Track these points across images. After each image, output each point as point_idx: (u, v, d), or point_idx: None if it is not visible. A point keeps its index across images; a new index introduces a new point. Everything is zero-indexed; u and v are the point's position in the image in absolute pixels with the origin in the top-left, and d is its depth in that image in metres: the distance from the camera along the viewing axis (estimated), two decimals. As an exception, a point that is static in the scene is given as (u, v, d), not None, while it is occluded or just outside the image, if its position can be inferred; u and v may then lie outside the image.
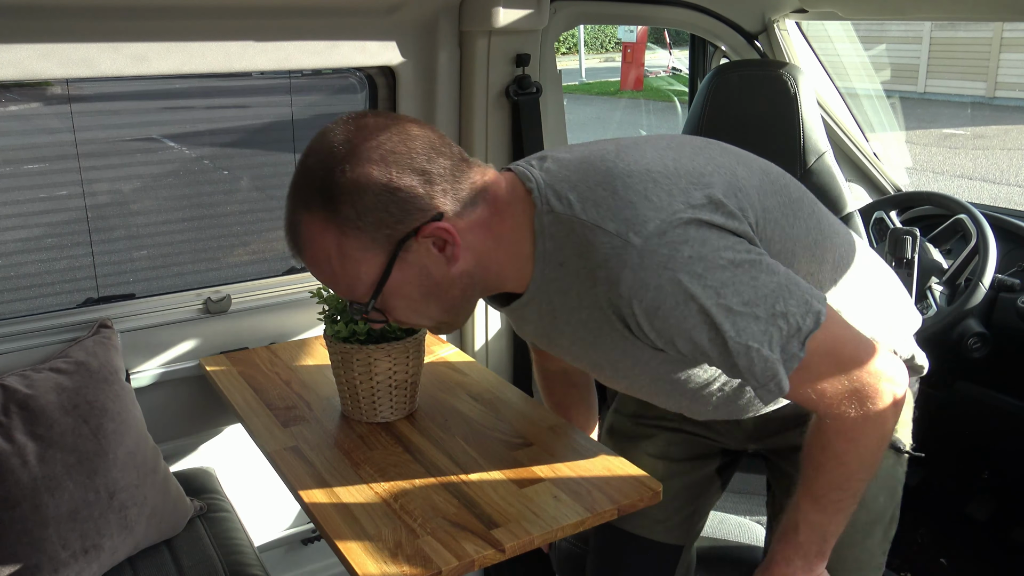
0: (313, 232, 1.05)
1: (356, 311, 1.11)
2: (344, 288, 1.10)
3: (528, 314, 1.17)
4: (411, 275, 1.08)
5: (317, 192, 1.03)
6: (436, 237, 1.06)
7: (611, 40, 21.81)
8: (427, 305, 1.12)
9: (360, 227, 1.03)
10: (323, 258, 1.07)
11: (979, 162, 8.72)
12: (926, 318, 2.09)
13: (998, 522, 2.36)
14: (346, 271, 1.07)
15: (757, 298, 1.00)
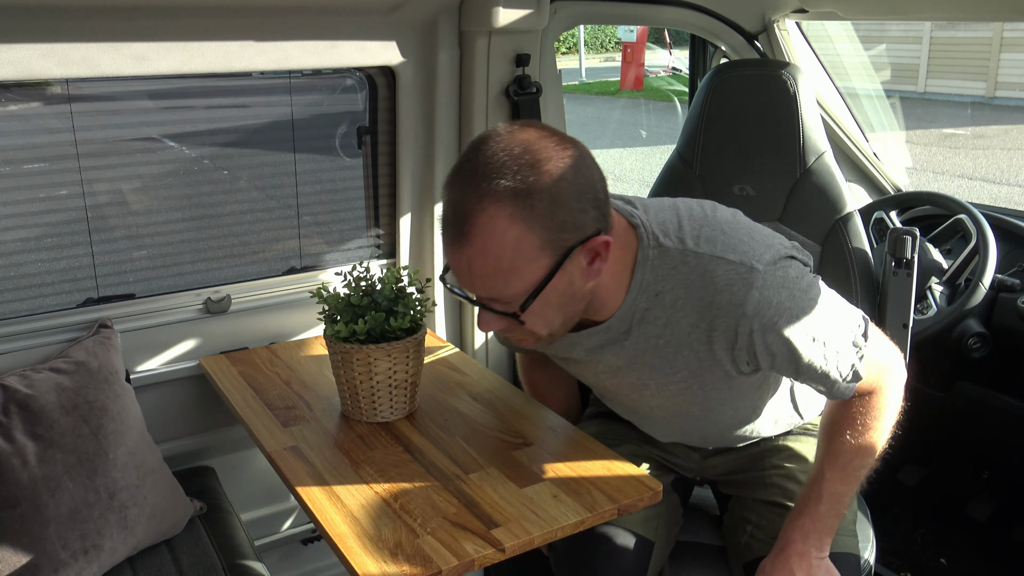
0: (496, 223, 1.08)
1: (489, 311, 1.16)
2: (499, 283, 1.13)
3: (598, 340, 1.29)
4: (562, 284, 1.15)
5: (512, 187, 1.07)
6: (594, 251, 1.15)
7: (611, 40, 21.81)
8: (557, 315, 1.19)
9: (547, 228, 1.09)
10: (496, 249, 1.09)
11: (979, 162, 8.72)
12: (926, 318, 2.09)
13: (998, 522, 2.36)
14: (514, 267, 1.11)
15: (839, 319, 1.25)
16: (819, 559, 1.34)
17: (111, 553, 1.48)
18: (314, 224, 2.09)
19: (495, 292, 1.15)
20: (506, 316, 1.17)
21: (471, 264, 1.12)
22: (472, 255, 1.11)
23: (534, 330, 1.20)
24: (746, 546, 1.49)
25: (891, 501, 2.53)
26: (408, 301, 1.54)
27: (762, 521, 1.49)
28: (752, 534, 1.49)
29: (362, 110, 2.01)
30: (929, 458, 2.55)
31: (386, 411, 1.57)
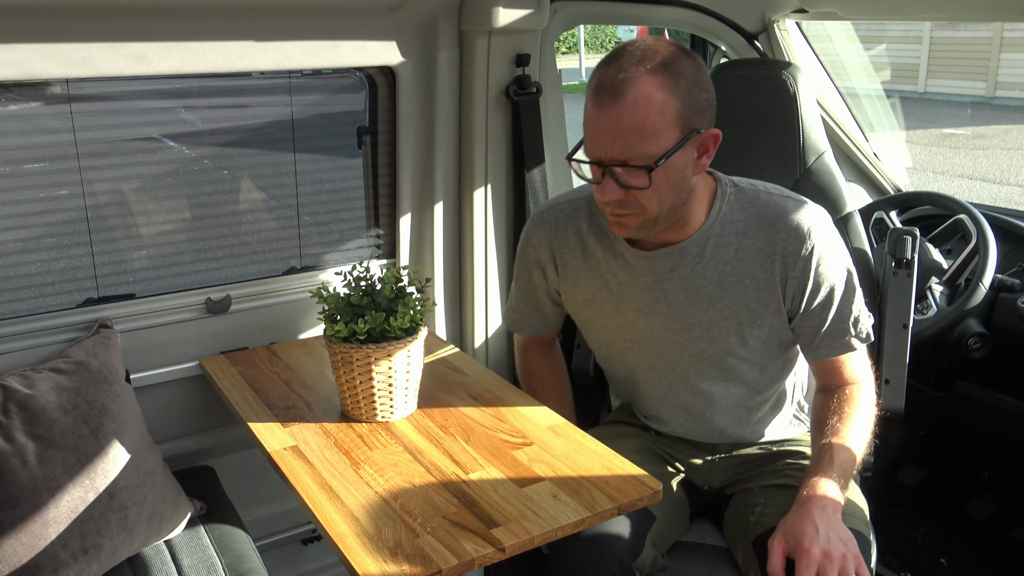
0: (647, 86, 1.27)
1: (615, 178, 1.32)
2: (637, 140, 1.29)
3: (670, 262, 1.47)
4: (680, 162, 1.33)
5: (663, 65, 1.29)
6: (706, 143, 1.36)
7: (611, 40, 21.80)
8: (668, 195, 1.35)
9: (684, 103, 1.29)
10: (643, 107, 1.27)
11: (979, 162, 8.72)
12: (926, 318, 2.09)
13: (998, 522, 2.36)
14: (654, 128, 1.28)
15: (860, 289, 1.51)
16: (835, 514, 1.37)
17: (111, 553, 1.48)
18: (314, 224, 2.09)
19: (631, 151, 1.29)
20: (635, 178, 1.31)
21: (619, 119, 1.28)
22: (621, 111, 1.28)
23: (647, 204, 1.34)
24: (755, 523, 1.49)
25: (891, 501, 2.53)
26: (408, 301, 1.54)
27: (771, 501, 1.52)
28: (762, 512, 1.50)
29: (362, 110, 2.01)
30: (929, 458, 2.55)
31: (386, 411, 1.57)
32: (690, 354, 1.54)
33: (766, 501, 1.53)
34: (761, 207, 1.45)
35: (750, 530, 1.50)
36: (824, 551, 1.30)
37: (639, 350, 1.57)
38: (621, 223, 1.40)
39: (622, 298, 1.53)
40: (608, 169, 1.32)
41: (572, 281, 1.58)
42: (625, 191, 1.33)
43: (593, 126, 1.32)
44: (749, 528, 1.51)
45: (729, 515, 1.60)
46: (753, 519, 1.51)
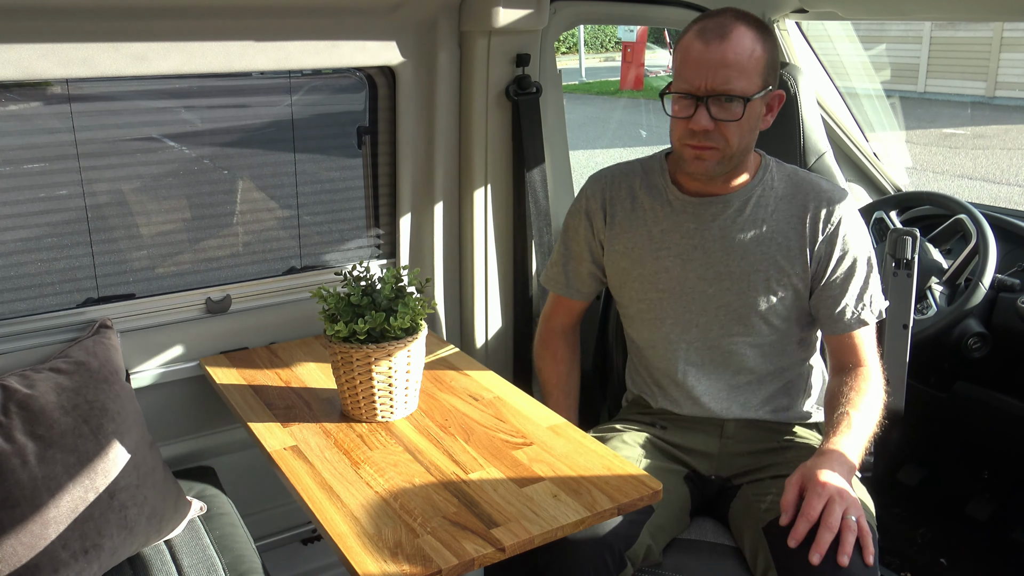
0: (748, 35, 1.47)
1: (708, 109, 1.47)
2: (736, 75, 1.46)
3: (715, 211, 1.61)
4: (757, 109, 1.52)
5: (758, 24, 1.49)
6: (773, 101, 1.55)
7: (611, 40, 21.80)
8: (746, 135, 1.52)
9: (768, 60, 1.49)
10: (744, 50, 1.46)
11: (979, 162, 8.72)
12: (926, 318, 2.09)
13: (998, 522, 2.36)
14: (749, 69, 1.47)
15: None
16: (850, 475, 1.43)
17: (111, 553, 1.48)
18: (314, 224, 2.09)
19: (731, 83, 1.46)
20: (730, 110, 1.47)
21: (724, 55, 1.45)
22: (727, 48, 1.45)
23: (731, 138, 1.49)
24: (767, 510, 1.50)
25: (891, 501, 2.53)
26: (408, 301, 1.54)
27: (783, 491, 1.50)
28: (773, 500, 1.50)
29: (362, 110, 2.01)
30: (929, 458, 2.55)
31: (386, 411, 1.57)
32: (716, 305, 1.63)
33: (777, 491, 1.52)
34: (799, 180, 1.63)
35: (761, 516, 1.51)
36: (837, 489, 1.37)
37: (668, 302, 1.66)
38: (701, 157, 1.52)
39: (662, 244, 1.65)
40: (703, 101, 1.47)
41: (617, 230, 1.70)
42: (714, 123, 1.48)
43: (696, 61, 1.47)
44: (759, 515, 1.51)
45: (737, 504, 1.60)
46: (764, 507, 1.52)
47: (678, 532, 1.60)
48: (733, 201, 1.61)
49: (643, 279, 1.68)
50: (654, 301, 1.67)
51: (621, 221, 1.69)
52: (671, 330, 1.67)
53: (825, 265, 1.59)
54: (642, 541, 1.48)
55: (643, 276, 1.67)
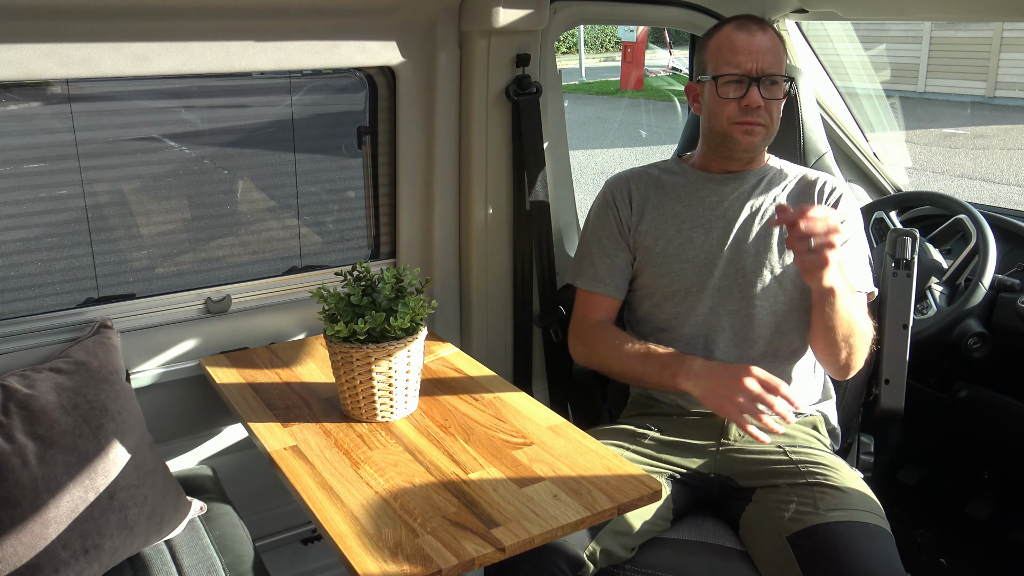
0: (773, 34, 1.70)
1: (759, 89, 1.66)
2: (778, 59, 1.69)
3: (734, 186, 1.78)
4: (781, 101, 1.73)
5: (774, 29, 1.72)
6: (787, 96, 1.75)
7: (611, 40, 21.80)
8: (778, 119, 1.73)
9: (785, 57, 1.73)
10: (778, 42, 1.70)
11: (979, 162, 8.72)
12: (926, 318, 2.09)
13: (998, 522, 2.36)
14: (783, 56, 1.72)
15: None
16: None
17: (111, 553, 1.48)
18: (314, 224, 2.09)
19: (777, 66, 1.68)
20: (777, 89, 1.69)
21: (768, 43, 1.68)
22: (768, 38, 1.68)
23: (774, 115, 1.70)
24: (792, 519, 1.50)
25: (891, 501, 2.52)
26: (408, 301, 1.54)
27: (806, 500, 1.53)
28: (797, 509, 1.51)
29: (362, 110, 2.01)
30: (929, 458, 2.55)
31: (386, 411, 1.57)
32: (736, 269, 1.73)
33: (800, 499, 1.53)
34: (803, 169, 1.84)
35: (784, 525, 1.50)
36: (821, 215, 1.45)
37: (690, 271, 1.75)
38: (751, 132, 1.70)
39: (685, 217, 1.78)
40: (755, 81, 1.66)
41: (643, 212, 1.82)
42: (764, 100, 1.66)
43: (746, 47, 1.67)
44: (782, 524, 1.50)
45: (754, 510, 1.59)
46: (788, 515, 1.51)
47: (657, 531, 1.61)
48: (750, 177, 1.79)
49: (667, 253, 1.77)
50: (677, 273, 1.76)
51: (645, 205, 1.82)
52: (695, 300, 1.74)
53: None
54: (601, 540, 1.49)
55: (667, 251, 1.77)
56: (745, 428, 1.49)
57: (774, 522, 1.52)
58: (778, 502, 1.55)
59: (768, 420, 1.48)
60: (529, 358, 2.20)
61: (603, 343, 1.77)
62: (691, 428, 1.71)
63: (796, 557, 1.45)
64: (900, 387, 1.85)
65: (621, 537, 1.53)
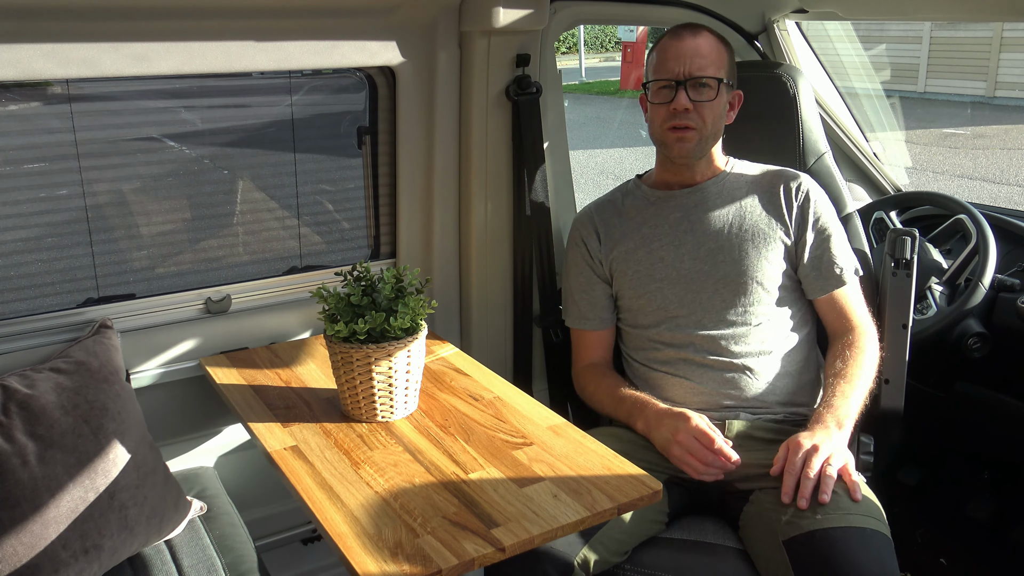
0: (711, 37, 1.73)
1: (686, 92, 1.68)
2: (708, 63, 1.69)
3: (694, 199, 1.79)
4: (723, 100, 1.74)
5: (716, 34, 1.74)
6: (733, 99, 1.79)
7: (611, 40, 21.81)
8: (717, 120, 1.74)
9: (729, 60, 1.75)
10: (712, 44, 1.72)
11: (979, 162, 8.72)
12: (926, 318, 2.09)
13: (998, 522, 2.36)
14: (718, 59, 1.71)
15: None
16: (838, 433, 1.57)
17: (111, 553, 1.48)
18: (314, 224, 2.09)
19: (706, 69, 1.68)
20: (705, 90, 1.69)
21: (697, 45, 1.69)
22: (699, 41, 1.70)
23: (706, 119, 1.70)
24: (788, 523, 1.49)
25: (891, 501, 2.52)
26: (408, 301, 1.54)
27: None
28: (795, 513, 1.50)
29: (362, 110, 2.01)
30: (929, 458, 2.55)
31: (386, 411, 1.57)
32: (714, 280, 1.74)
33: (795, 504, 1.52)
34: (765, 168, 1.85)
35: (780, 529, 1.50)
36: (813, 445, 1.53)
37: (668, 289, 1.77)
38: (683, 138, 1.72)
39: (653, 237, 1.80)
40: (682, 84, 1.68)
41: (611, 242, 1.85)
42: (692, 104, 1.68)
43: (675, 51, 1.70)
44: (778, 527, 1.50)
45: (751, 511, 1.60)
46: (785, 519, 1.50)
47: (652, 532, 1.61)
48: (709, 188, 1.80)
49: (639, 274, 1.80)
50: (654, 293, 1.78)
51: (612, 231, 1.85)
52: (677, 314, 1.76)
53: (802, 230, 1.75)
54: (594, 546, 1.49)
55: (639, 272, 1.80)
56: (691, 473, 1.58)
57: (770, 525, 1.52)
58: (775, 504, 1.55)
59: (700, 474, 1.57)
60: (529, 358, 2.20)
61: (591, 385, 1.86)
62: None
63: (791, 562, 1.44)
64: (900, 387, 1.85)
65: (614, 543, 1.53)
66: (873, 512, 1.52)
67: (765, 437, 1.69)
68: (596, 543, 1.51)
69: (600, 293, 1.87)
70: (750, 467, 1.65)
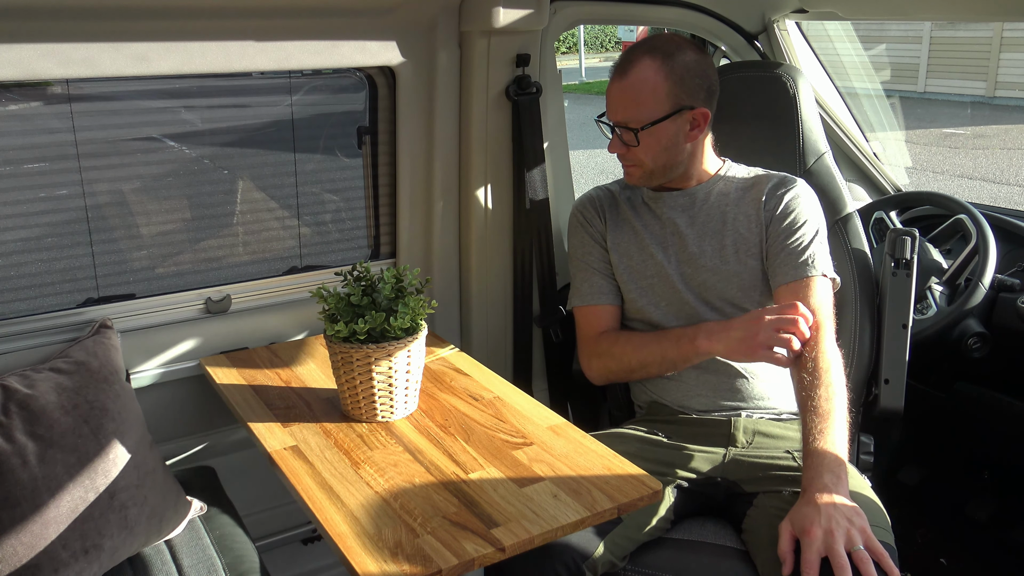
0: (646, 68, 1.65)
1: (618, 136, 1.69)
2: (633, 108, 1.66)
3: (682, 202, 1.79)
4: (671, 130, 1.68)
5: (664, 53, 1.65)
6: (695, 120, 1.69)
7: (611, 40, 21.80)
8: (661, 154, 1.70)
9: (675, 84, 1.65)
10: (640, 84, 1.65)
11: (979, 162, 8.72)
12: (926, 318, 2.09)
13: (998, 522, 2.36)
14: (646, 101, 1.65)
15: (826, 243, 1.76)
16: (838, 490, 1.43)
17: (111, 553, 1.48)
18: (314, 224, 2.09)
19: (629, 115, 1.66)
20: (628, 137, 1.68)
21: (622, 91, 1.67)
22: (624, 85, 1.67)
23: (642, 159, 1.70)
24: None
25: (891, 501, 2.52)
26: (408, 301, 1.54)
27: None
28: None
29: (362, 110, 2.01)
30: (929, 458, 2.55)
31: (386, 411, 1.57)
32: (697, 283, 1.75)
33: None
34: (757, 173, 1.82)
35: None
36: (826, 529, 1.36)
37: (657, 287, 1.78)
38: (629, 173, 1.77)
39: (644, 236, 1.81)
40: (614, 128, 1.71)
41: (610, 229, 1.85)
42: (626, 147, 1.70)
43: (610, 94, 1.70)
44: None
45: (755, 514, 1.59)
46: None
47: (660, 533, 1.61)
48: (698, 193, 1.80)
49: (631, 269, 1.81)
50: (645, 288, 1.79)
51: (611, 221, 1.85)
52: (666, 310, 1.77)
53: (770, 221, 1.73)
54: (602, 551, 1.49)
55: (631, 267, 1.81)
56: (775, 359, 1.56)
57: (773, 530, 1.52)
58: (779, 509, 1.54)
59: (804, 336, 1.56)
60: (529, 358, 2.20)
61: (617, 345, 1.78)
62: (700, 435, 1.71)
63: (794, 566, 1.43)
64: (900, 387, 1.85)
65: (621, 545, 1.53)
66: (877, 518, 1.51)
67: (771, 433, 1.69)
68: (606, 544, 1.50)
69: (603, 272, 1.85)
70: (755, 468, 1.65)
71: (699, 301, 1.75)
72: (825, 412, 1.52)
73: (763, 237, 1.73)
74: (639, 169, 1.73)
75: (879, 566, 1.34)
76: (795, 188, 1.75)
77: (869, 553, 1.34)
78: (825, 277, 1.69)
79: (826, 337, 1.61)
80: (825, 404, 1.53)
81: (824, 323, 1.63)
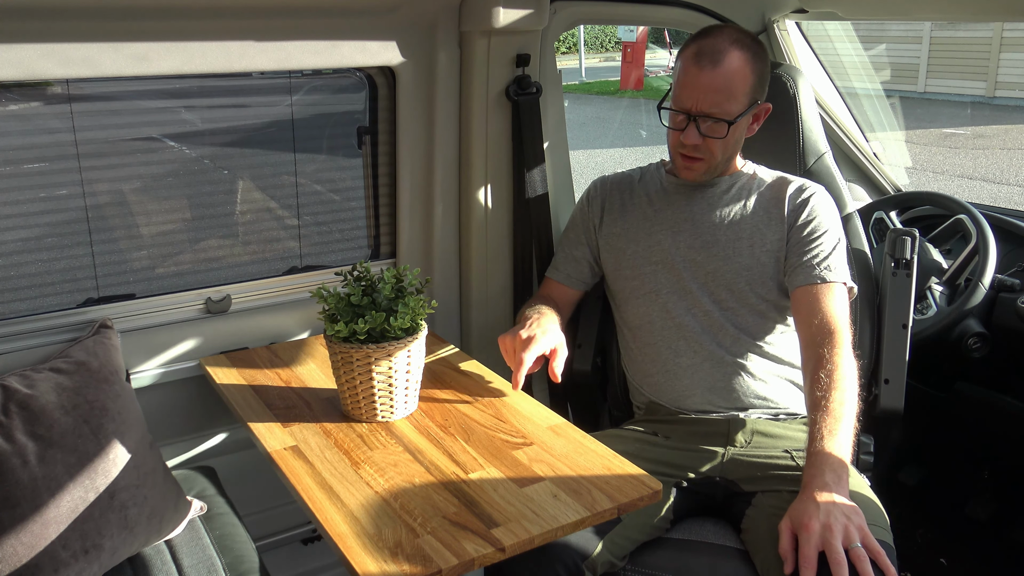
0: (739, 59, 1.64)
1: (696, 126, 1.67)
2: (724, 99, 1.64)
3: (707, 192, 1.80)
4: (743, 124, 1.71)
5: (750, 46, 1.66)
6: (759, 113, 1.75)
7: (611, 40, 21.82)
8: (731, 147, 1.73)
9: (757, 78, 1.68)
10: (733, 75, 1.64)
11: (979, 162, 8.72)
12: (926, 318, 2.09)
13: (998, 522, 2.36)
14: (736, 92, 1.65)
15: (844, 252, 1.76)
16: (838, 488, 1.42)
17: (111, 553, 1.48)
18: (314, 224, 2.09)
19: (718, 107, 1.64)
20: (716, 129, 1.66)
21: (714, 81, 1.63)
22: (717, 75, 1.63)
23: (716, 151, 1.69)
24: None
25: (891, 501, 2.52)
26: (408, 301, 1.54)
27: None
28: None
29: (362, 110, 2.01)
30: (929, 458, 2.55)
31: (386, 411, 1.57)
32: (705, 272, 1.75)
33: None
34: (778, 175, 1.82)
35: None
36: (824, 524, 1.36)
37: (661, 273, 1.78)
38: (691, 167, 1.74)
39: (655, 220, 1.82)
40: (694, 119, 1.66)
41: (615, 215, 1.87)
42: (703, 138, 1.67)
43: (690, 84, 1.65)
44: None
45: (753, 514, 1.60)
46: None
47: (659, 533, 1.61)
48: (720, 183, 1.81)
49: (637, 255, 1.82)
50: (648, 275, 1.80)
51: (619, 207, 1.87)
52: (667, 300, 1.77)
53: (793, 224, 1.73)
54: (602, 550, 1.50)
55: (637, 252, 1.82)
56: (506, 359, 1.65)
57: (772, 530, 1.52)
58: (778, 508, 1.54)
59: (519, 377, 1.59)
60: (529, 358, 2.20)
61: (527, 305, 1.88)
62: (699, 435, 1.72)
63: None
64: (900, 387, 1.85)
65: (620, 545, 1.54)
66: (876, 518, 1.51)
67: (769, 433, 1.69)
68: (605, 544, 1.51)
69: (579, 255, 1.91)
70: (753, 468, 1.65)
71: (702, 290, 1.75)
72: (837, 415, 1.51)
73: (783, 237, 1.73)
74: (706, 163, 1.72)
75: (876, 564, 1.34)
76: (820, 194, 1.75)
77: (867, 551, 1.34)
78: (844, 285, 1.69)
79: (844, 344, 1.60)
80: (838, 407, 1.52)
81: (842, 331, 1.61)
